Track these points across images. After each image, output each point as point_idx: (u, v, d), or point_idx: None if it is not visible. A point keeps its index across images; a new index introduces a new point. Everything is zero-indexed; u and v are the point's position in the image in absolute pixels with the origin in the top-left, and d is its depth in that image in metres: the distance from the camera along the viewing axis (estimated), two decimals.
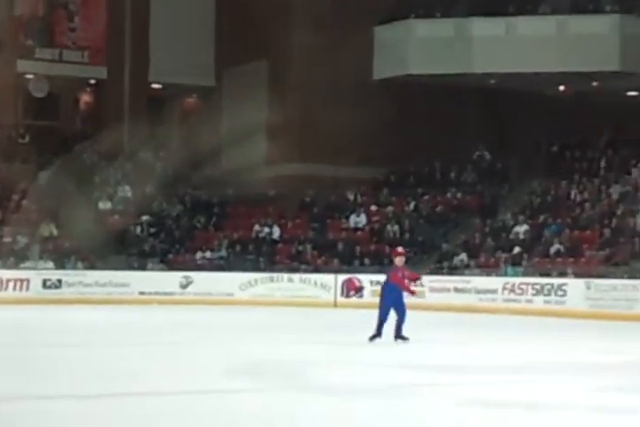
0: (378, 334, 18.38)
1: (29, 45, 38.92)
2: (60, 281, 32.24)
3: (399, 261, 19.08)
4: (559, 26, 36.87)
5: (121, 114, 39.25)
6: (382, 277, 31.86)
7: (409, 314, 18.73)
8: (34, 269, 32.97)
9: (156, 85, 40.62)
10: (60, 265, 33.54)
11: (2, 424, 9.65)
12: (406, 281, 19.09)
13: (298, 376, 13.91)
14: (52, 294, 31.72)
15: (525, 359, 16.41)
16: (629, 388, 12.80)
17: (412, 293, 19.10)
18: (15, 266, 33.03)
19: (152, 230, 36.97)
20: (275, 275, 33.33)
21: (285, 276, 33.28)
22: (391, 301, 18.48)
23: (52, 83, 39.30)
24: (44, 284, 32.06)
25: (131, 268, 33.71)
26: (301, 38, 38.16)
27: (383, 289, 19.13)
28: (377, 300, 31.17)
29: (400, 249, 20.05)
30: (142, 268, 34.12)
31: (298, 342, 20.06)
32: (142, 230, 36.84)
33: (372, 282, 32.08)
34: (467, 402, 11.32)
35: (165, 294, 32.31)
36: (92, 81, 40.45)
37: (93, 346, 18.61)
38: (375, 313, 29.42)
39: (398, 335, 18.26)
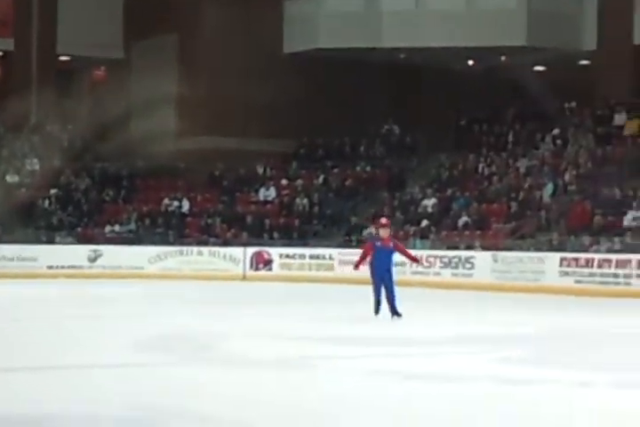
0: (377, 307, 18.20)
1: None
2: None
3: (384, 232, 18.73)
4: (468, 1, 37.20)
5: (28, 86, 38.86)
6: (291, 251, 32.35)
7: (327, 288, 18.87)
8: None
9: (64, 57, 40.32)
10: None
11: None
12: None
13: (206, 349, 14.04)
14: None
15: (431, 332, 16.68)
16: (532, 360, 13.12)
17: (416, 260, 19.40)
18: None
19: (60, 204, 36.71)
20: (184, 248, 33.40)
21: (195, 249, 33.37)
22: (379, 274, 18.20)
23: None
24: None
25: (39, 241, 33.53)
26: (211, 12, 38.11)
27: (372, 264, 18.56)
28: (285, 273, 31.68)
29: (384, 220, 19.91)
30: (50, 241, 33.93)
31: (207, 315, 20.14)
32: (50, 204, 36.58)
33: (280, 255, 32.44)
34: (369, 374, 11.54)
35: (74, 267, 32.24)
36: None
37: None
38: (285, 286, 29.70)
39: (394, 312, 17.86)
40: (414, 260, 19.33)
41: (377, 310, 18.07)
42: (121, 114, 36.53)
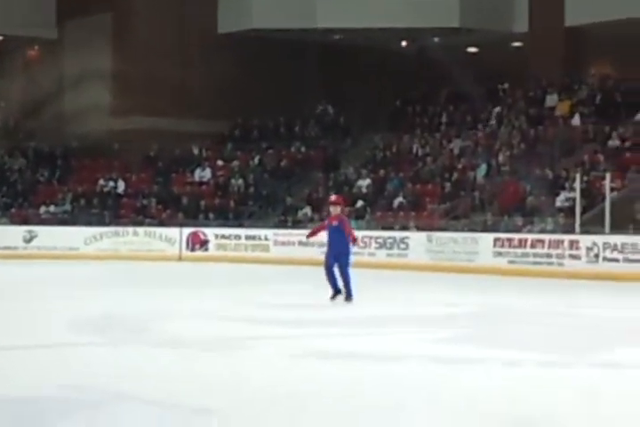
0: (335, 291, 17.74)
1: None
2: None
3: (333, 209, 18.44)
4: None
5: None
6: (227, 231, 32.45)
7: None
8: None
9: None
10: None
11: None
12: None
13: (143, 330, 14.04)
14: None
15: (366, 312, 16.80)
16: (465, 339, 13.27)
17: (354, 240, 18.30)
18: None
19: None
20: (120, 229, 33.30)
21: (130, 230, 33.28)
22: (334, 251, 17.86)
23: None
24: None
25: None
26: None
27: (328, 243, 18.23)
28: (221, 253, 31.74)
29: (333, 197, 19.83)
30: None
31: (143, 295, 20.12)
32: None
33: (216, 236, 32.48)
34: (303, 354, 11.63)
35: (8, 248, 32.04)
36: None
37: None
38: (221, 267, 29.72)
39: (348, 295, 17.53)
40: (353, 240, 18.36)
41: (335, 296, 17.62)
42: (54, 93, 36.45)
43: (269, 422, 8.13)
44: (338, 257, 17.67)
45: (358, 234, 29.16)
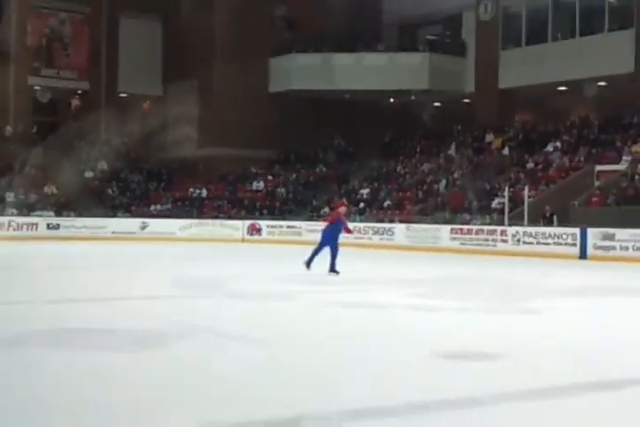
0: (309, 261, 16.79)
1: (37, 66, 38.28)
2: (58, 224, 31.81)
3: (342, 210, 17.22)
4: (391, 59, 37.24)
5: (98, 113, 38.71)
6: (274, 223, 32.54)
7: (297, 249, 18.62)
8: (41, 216, 32.57)
9: (122, 94, 40.18)
10: (59, 213, 33.09)
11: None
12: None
13: (219, 287, 14.13)
14: (53, 233, 31.23)
15: (364, 276, 16.88)
16: (431, 295, 13.36)
17: (349, 231, 17.23)
18: (28, 214, 32.62)
19: (120, 191, 36.72)
20: (203, 221, 33.38)
21: (210, 221, 33.37)
22: (328, 240, 16.62)
23: (52, 92, 38.90)
24: (48, 226, 31.61)
25: (107, 216, 33.36)
26: (221, 64, 38.02)
27: (324, 230, 17.04)
28: (270, 237, 31.83)
29: (341, 202, 18.88)
30: (114, 216, 33.84)
31: (219, 264, 20.32)
32: (114, 191, 36.57)
33: (267, 226, 32.58)
34: (325, 303, 11.81)
35: (129, 233, 32.08)
36: (79, 91, 39.82)
37: (78, 267, 18.67)
38: (270, 247, 29.76)
39: (332, 270, 16.37)
40: (348, 231, 17.21)
41: (309, 265, 16.69)
42: (160, 131, 36.57)
43: (306, 343, 8.22)
44: (329, 244, 16.52)
45: (361, 225, 29.62)
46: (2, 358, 7.31)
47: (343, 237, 17.39)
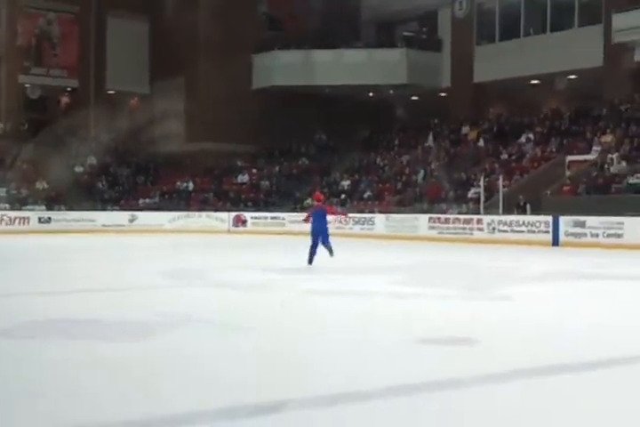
0: (310, 259, 16.05)
1: (27, 65, 38.12)
2: (49, 218, 31.76)
3: (318, 203, 16.80)
4: (369, 55, 37.29)
5: (88, 110, 38.60)
6: (258, 214, 32.54)
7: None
8: (32, 210, 32.45)
9: (110, 91, 40.02)
10: (50, 208, 32.99)
11: None
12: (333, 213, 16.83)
13: (205, 276, 14.15)
14: (44, 227, 31.21)
15: (346, 265, 16.81)
16: (411, 282, 13.40)
17: (345, 215, 16.85)
18: (20, 208, 32.51)
19: (109, 185, 36.64)
20: (190, 213, 33.40)
21: (196, 213, 33.39)
22: (318, 233, 16.05)
23: (42, 90, 38.67)
24: (39, 220, 31.57)
25: (96, 209, 33.34)
26: (206, 61, 38.01)
27: (313, 224, 16.34)
28: (255, 228, 31.81)
29: (317, 193, 18.58)
30: (104, 209, 33.78)
31: (205, 255, 20.30)
32: (103, 185, 36.47)
33: (252, 217, 32.60)
34: (305, 291, 11.82)
35: (119, 226, 32.10)
36: (69, 88, 39.64)
37: (69, 260, 18.61)
38: (255, 237, 29.74)
39: (331, 254, 16.02)
40: (339, 214, 17.04)
41: (311, 262, 15.99)
42: (148, 127, 36.44)
43: (291, 331, 8.23)
44: (319, 234, 15.97)
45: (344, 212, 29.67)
46: None
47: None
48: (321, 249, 15.92)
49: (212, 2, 37.56)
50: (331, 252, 16.12)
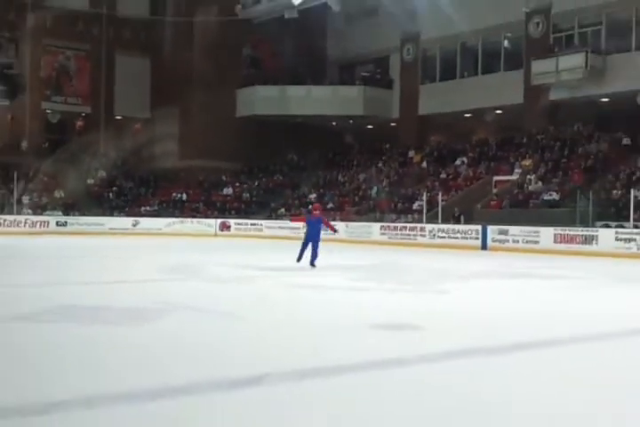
0: (299, 259, 15.46)
1: (48, 94, 37.77)
2: (65, 222, 31.41)
3: (316, 213, 15.84)
4: (333, 90, 37.29)
5: (98, 132, 38.31)
6: (240, 221, 32.43)
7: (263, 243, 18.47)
8: (51, 215, 32.12)
9: (118, 117, 39.67)
10: (66, 213, 32.65)
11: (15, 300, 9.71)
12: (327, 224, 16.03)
13: (198, 272, 14.12)
14: (61, 229, 30.90)
15: (316, 264, 16.85)
16: (365, 278, 13.45)
17: (334, 230, 16.08)
18: (41, 213, 32.17)
19: (116, 195, 36.23)
20: (183, 219, 33.15)
21: (189, 219, 33.16)
22: (310, 237, 15.41)
23: (60, 114, 38.22)
24: (57, 223, 31.23)
25: (105, 215, 33.03)
26: (198, 93, 37.79)
27: (307, 230, 15.64)
28: (238, 232, 31.67)
29: (316, 205, 17.54)
30: (111, 215, 33.47)
31: (197, 254, 20.17)
32: (110, 195, 36.12)
33: (235, 223, 32.43)
34: (283, 284, 11.82)
35: (124, 229, 31.82)
36: (83, 114, 39.22)
37: (83, 257, 18.50)
38: (237, 240, 29.55)
39: (312, 263, 15.28)
40: (333, 229, 16.01)
41: (299, 260, 15.46)
42: (148, 147, 36.25)
43: (268, 317, 8.25)
44: (310, 240, 15.43)
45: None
46: (18, 330, 7.25)
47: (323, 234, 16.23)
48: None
49: (203, 44, 37.46)
50: (313, 259, 15.21)
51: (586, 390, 5.22)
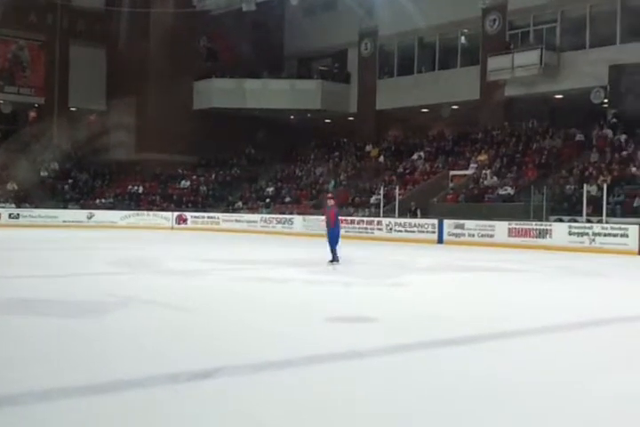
0: (334, 257, 14.36)
1: (1, 84, 37.04)
2: (18, 214, 30.95)
3: (329, 202, 14.83)
4: (291, 84, 37.22)
5: (51, 123, 37.65)
6: (197, 214, 32.21)
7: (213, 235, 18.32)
8: (3, 207, 31.51)
9: (72, 108, 39.02)
10: (18, 205, 32.12)
11: None
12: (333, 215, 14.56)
13: (151, 265, 13.97)
14: (13, 221, 30.42)
15: (269, 257, 16.87)
16: (322, 271, 13.45)
17: (333, 223, 14.48)
18: None
19: (70, 187, 35.69)
20: (139, 212, 32.82)
21: (145, 212, 32.83)
22: (333, 233, 14.48)
23: (13, 105, 37.47)
24: (10, 216, 30.74)
25: (59, 207, 32.54)
26: (154, 85, 37.37)
27: (327, 224, 14.74)
28: (194, 226, 31.46)
29: (330, 195, 16.94)
30: (65, 207, 32.96)
31: (151, 247, 19.99)
32: (64, 188, 35.54)
33: (192, 216, 32.20)
34: (236, 278, 11.74)
35: (79, 222, 31.40)
36: (36, 105, 38.51)
37: (36, 250, 18.19)
38: (194, 233, 29.33)
39: (334, 259, 14.32)
40: (332, 223, 14.48)
41: (336, 259, 14.33)
42: (104, 139, 35.76)
43: (222, 309, 8.18)
44: (333, 235, 14.46)
45: (266, 216, 29.60)
46: None
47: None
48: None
49: (160, 35, 37.02)
50: (333, 259, 14.22)
51: (536, 379, 5.26)
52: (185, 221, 32.00)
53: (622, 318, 8.31)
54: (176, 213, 32.37)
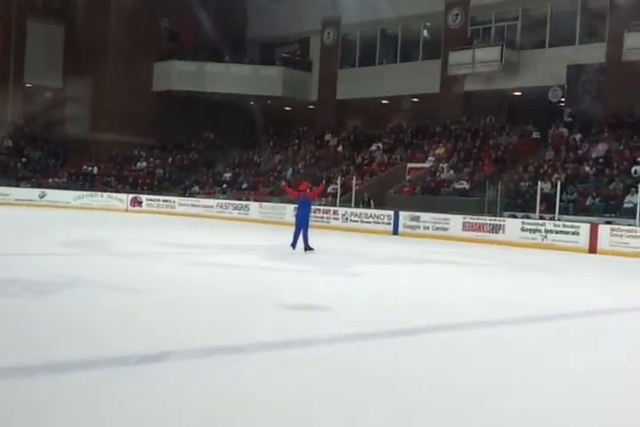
0: (294, 242, 14.53)
1: None
2: None
3: (302, 192, 14.94)
4: (253, 70, 36.93)
5: (6, 100, 36.68)
6: (152, 197, 31.83)
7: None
8: None
9: (28, 85, 38.10)
10: None
11: None
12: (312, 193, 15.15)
13: (104, 247, 13.80)
14: None
15: (225, 243, 16.80)
16: (277, 259, 13.43)
17: (313, 198, 14.82)
18: None
19: (24, 166, 34.93)
20: (93, 193, 32.23)
21: (99, 193, 32.27)
22: (302, 220, 14.52)
23: None
24: None
25: (10, 185, 31.81)
26: (113, 64, 36.77)
27: (297, 213, 14.87)
28: (149, 209, 31.10)
29: (305, 183, 16.69)
30: (17, 186, 32.24)
31: (105, 229, 19.71)
32: (18, 166, 34.78)
33: (147, 199, 31.81)
34: (192, 262, 11.65)
35: (31, 200, 30.76)
36: None
37: None
38: (148, 216, 29.01)
39: (308, 247, 14.34)
40: (316, 195, 14.80)
41: (294, 245, 14.56)
42: (59, 117, 35.11)
43: (174, 294, 8.09)
44: (301, 224, 14.57)
45: (223, 202, 29.36)
46: None
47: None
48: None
49: (120, 13, 36.40)
50: (307, 242, 14.26)
51: (482, 371, 5.31)
52: (140, 203, 31.59)
53: (571, 313, 8.46)
54: (131, 196, 31.92)
